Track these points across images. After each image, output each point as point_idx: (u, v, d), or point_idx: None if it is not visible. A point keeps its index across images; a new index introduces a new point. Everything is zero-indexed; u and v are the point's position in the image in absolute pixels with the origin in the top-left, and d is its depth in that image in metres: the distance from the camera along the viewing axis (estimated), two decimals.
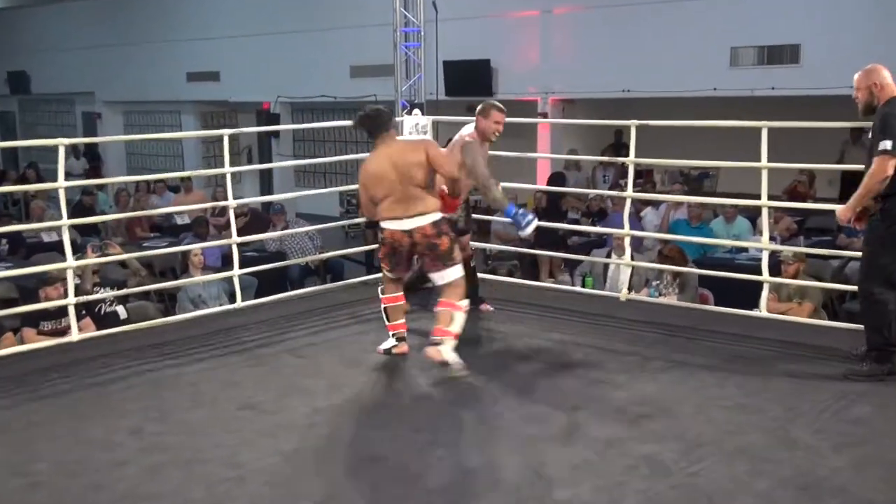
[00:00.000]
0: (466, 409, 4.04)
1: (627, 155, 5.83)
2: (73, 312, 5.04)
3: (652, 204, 8.99)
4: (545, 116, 11.34)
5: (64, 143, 4.93)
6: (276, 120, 14.29)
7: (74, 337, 5.02)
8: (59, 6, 17.69)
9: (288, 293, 6.28)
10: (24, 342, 5.17)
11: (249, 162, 15.33)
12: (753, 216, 7.63)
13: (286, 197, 9.81)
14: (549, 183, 10.14)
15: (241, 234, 5.95)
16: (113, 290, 6.06)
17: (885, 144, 4.08)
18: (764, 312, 5.27)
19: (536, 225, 4.82)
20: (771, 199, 5.35)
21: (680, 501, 3.14)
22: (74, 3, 17.45)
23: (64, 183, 5.02)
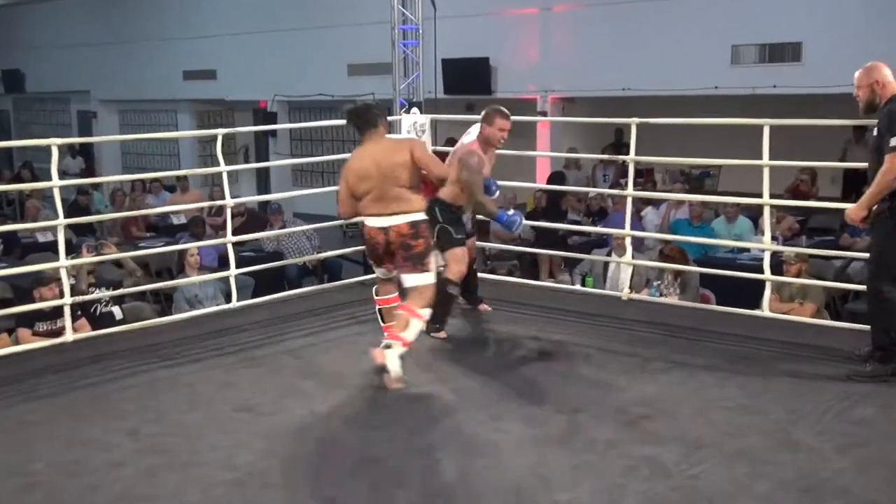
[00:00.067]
0: (465, 410, 4.01)
1: (628, 154, 5.80)
2: (68, 313, 5.04)
3: (653, 203, 8.97)
4: (545, 115, 11.32)
5: (56, 143, 4.93)
6: (273, 119, 14.26)
7: (70, 337, 5.01)
8: (54, 3, 17.63)
9: (285, 293, 6.28)
10: (19, 343, 5.14)
11: (246, 161, 15.30)
12: (755, 216, 7.60)
13: (283, 196, 9.78)
14: (549, 182, 10.12)
15: (237, 233, 5.93)
16: (109, 290, 6.04)
17: (895, 142, 4.04)
18: (766, 313, 5.25)
19: (523, 222, 5.06)
20: (773, 197, 5.33)
21: (680, 503, 3.11)
22: (70, 0, 17.41)
23: (59, 182, 5.01)
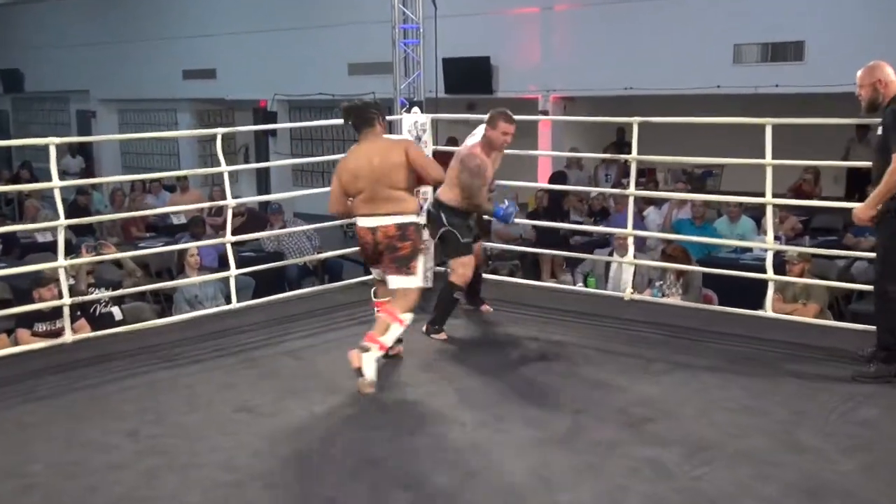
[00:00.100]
0: (467, 411, 4.01)
1: (630, 153, 5.78)
2: (67, 314, 5.03)
3: (655, 203, 8.94)
4: (546, 114, 11.29)
5: (55, 142, 4.93)
6: (273, 118, 14.21)
7: (69, 338, 5.01)
8: (53, 3, 17.60)
9: (286, 294, 6.28)
10: (18, 343, 5.13)
11: (246, 161, 15.27)
12: (758, 215, 7.58)
13: (284, 196, 9.77)
14: (550, 182, 10.09)
15: (237, 233, 5.91)
16: (108, 290, 6.02)
17: None
18: (769, 313, 5.25)
19: (517, 210, 5.12)
20: (776, 197, 5.31)
21: None
22: None
23: (59, 183, 5.01)
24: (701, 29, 10.05)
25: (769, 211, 5.34)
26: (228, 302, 5.82)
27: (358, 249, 4.62)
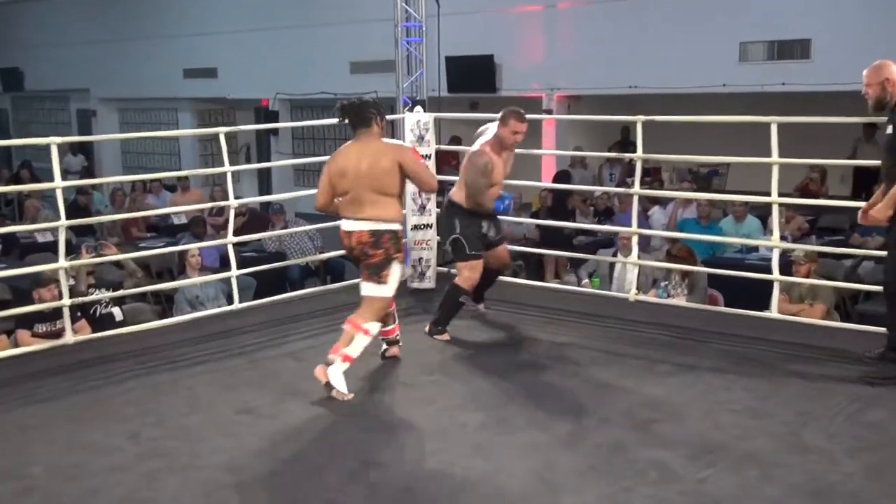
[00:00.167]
0: (470, 413, 3.99)
1: (634, 152, 5.75)
2: (67, 314, 5.01)
3: (660, 202, 8.90)
4: (550, 113, 11.25)
5: (56, 141, 4.91)
6: (274, 117, 14.17)
7: (70, 339, 4.99)
8: (53, 1, 17.56)
9: (287, 294, 6.25)
10: (18, 344, 5.11)
11: (248, 160, 15.24)
12: (764, 215, 7.53)
13: (285, 196, 9.73)
14: (554, 181, 10.05)
15: (239, 234, 5.89)
16: (109, 291, 5.99)
17: None
18: (775, 314, 5.21)
19: (513, 198, 5.16)
20: (782, 196, 5.28)
21: None
22: None
23: (61, 183, 4.99)
24: (706, 27, 10.01)
25: (775, 210, 5.30)
26: (230, 303, 5.80)
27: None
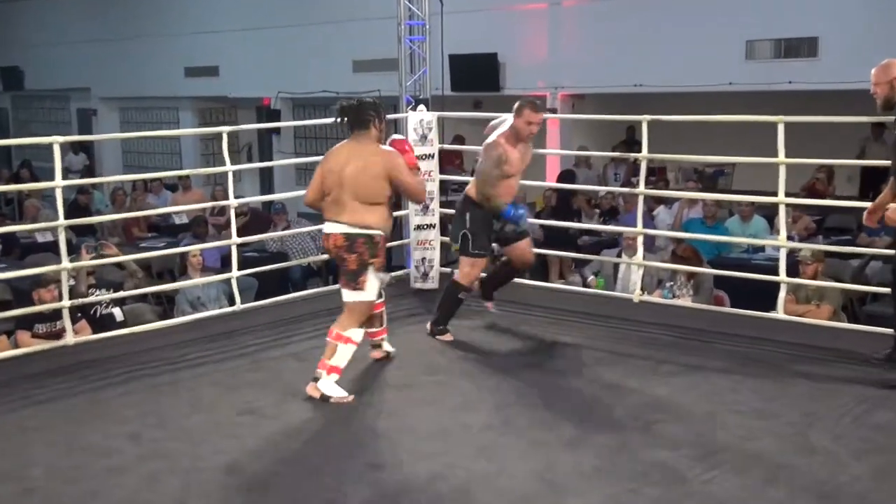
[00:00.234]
0: (473, 414, 3.97)
1: (639, 152, 5.72)
2: (67, 315, 5.00)
3: (665, 202, 8.86)
4: (554, 112, 11.19)
5: (59, 140, 4.89)
6: (276, 116, 14.12)
7: (70, 340, 4.98)
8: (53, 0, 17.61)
9: (289, 295, 6.24)
10: (18, 345, 5.10)
11: (249, 160, 15.20)
12: (770, 215, 7.49)
13: (287, 196, 9.70)
14: (559, 181, 10.01)
15: (241, 234, 5.87)
16: (109, 291, 5.96)
17: None
18: (781, 314, 5.20)
19: (527, 216, 5.05)
20: (788, 196, 5.24)
21: None
22: None
23: (61, 182, 4.97)
24: (712, 25, 9.95)
25: (782, 211, 5.27)
26: (231, 303, 5.77)
27: None
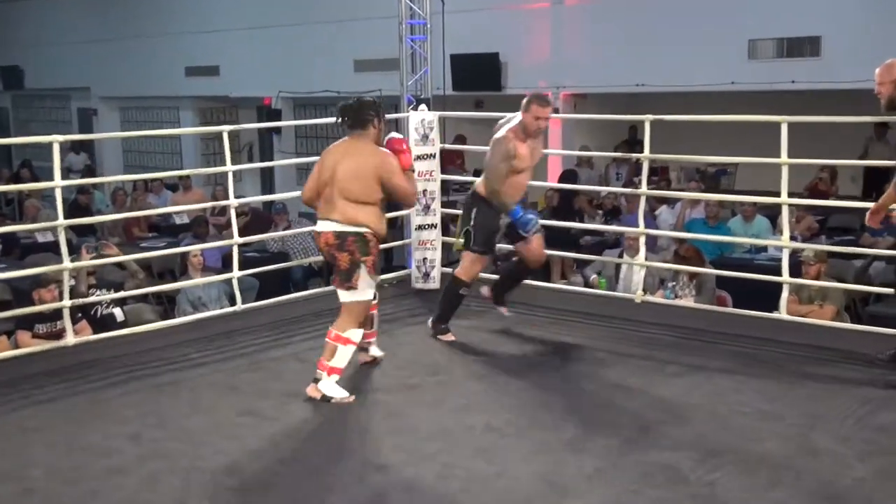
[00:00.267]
0: (475, 415, 3.95)
1: (641, 151, 5.70)
2: (68, 315, 4.98)
3: (667, 202, 8.84)
4: (556, 112, 11.15)
5: (58, 139, 4.89)
6: (277, 116, 14.10)
7: (70, 341, 4.96)
8: None
9: (291, 295, 6.23)
10: (18, 345, 5.08)
11: (250, 159, 15.18)
12: (773, 215, 7.47)
13: (288, 196, 9.69)
14: (560, 181, 9.99)
15: (241, 234, 5.86)
16: (110, 291, 5.95)
17: None
18: (784, 315, 5.18)
19: (538, 226, 4.89)
20: (791, 196, 5.23)
21: None
22: None
23: (60, 182, 4.96)
24: (715, 24, 9.91)
25: (785, 211, 5.25)
26: (232, 303, 5.75)
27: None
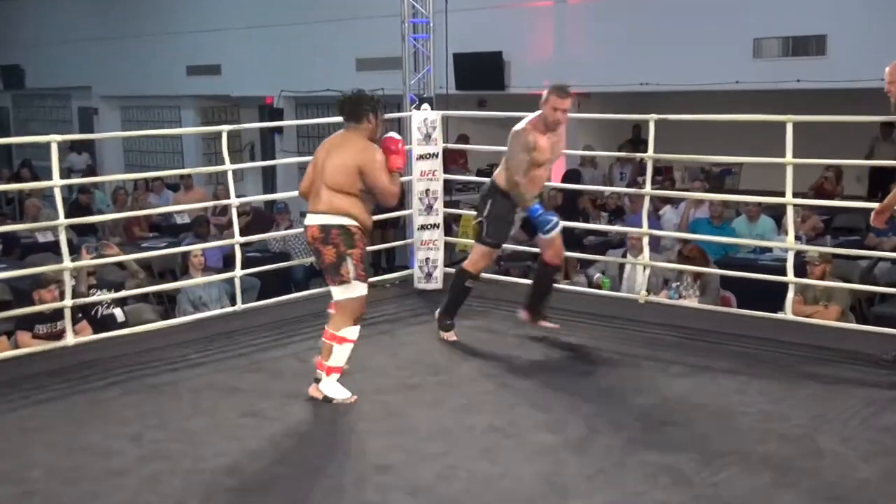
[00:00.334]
0: (478, 415, 3.94)
1: (645, 151, 5.67)
2: (68, 315, 4.97)
3: (671, 202, 8.81)
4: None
5: (56, 139, 4.88)
6: (279, 115, 14.10)
7: (70, 341, 4.94)
8: None
9: (292, 295, 6.21)
10: (18, 346, 5.07)
11: (252, 159, 15.17)
12: (778, 215, 7.45)
13: (290, 195, 9.68)
14: (563, 180, 9.97)
15: (243, 233, 5.86)
16: (110, 292, 5.93)
17: None
18: (789, 315, 5.15)
19: (560, 229, 4.75)
20: (796, 196, 5.20)
21: None
22: None
23: (60, 182, 4.96)
24: (719, 22, 9.87)
25: (790, 211, 5.22)
26: (233, 303, 5.74)
27: (370, 250, 4.47)
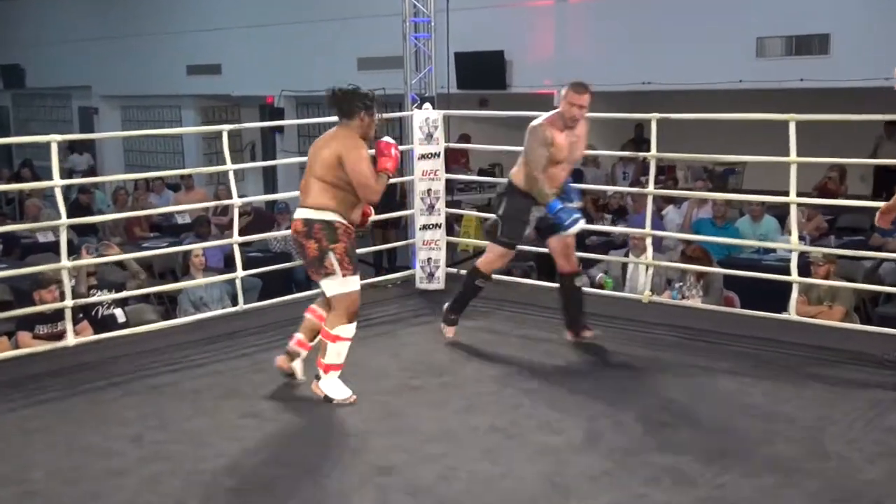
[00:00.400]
0: (480, 416, 3.94)
1: (648, 150, 5.66)
2: (69, 316, 4.96)
3: (674, 202, 8.79)
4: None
5: (56, 139, 4.86)
6: (280, 115, 14.11)
7: (71, 341, 4.93)
8: None
9: (293, 295, 6.20)
10: (18, 346, 5.05)
11: (253, 159, 15.16)
12: (781, 215, 7.43)
13: (291, 195, 9.67)
14: None
15: (244, 233, 5.84)
16: (111, 292, 5.92)
17: None
18: (793, 315, 5.13)
19: (580, 224, 4.55)
20: (800, 196, 5.18)
21: None
22: None
23: (60, 182, 4.95)
24: (722, 21, 9.87)
25: (793, 211, 5.19)
26: (234, 304, 5.71)
27: (372, 250, 4.46)
